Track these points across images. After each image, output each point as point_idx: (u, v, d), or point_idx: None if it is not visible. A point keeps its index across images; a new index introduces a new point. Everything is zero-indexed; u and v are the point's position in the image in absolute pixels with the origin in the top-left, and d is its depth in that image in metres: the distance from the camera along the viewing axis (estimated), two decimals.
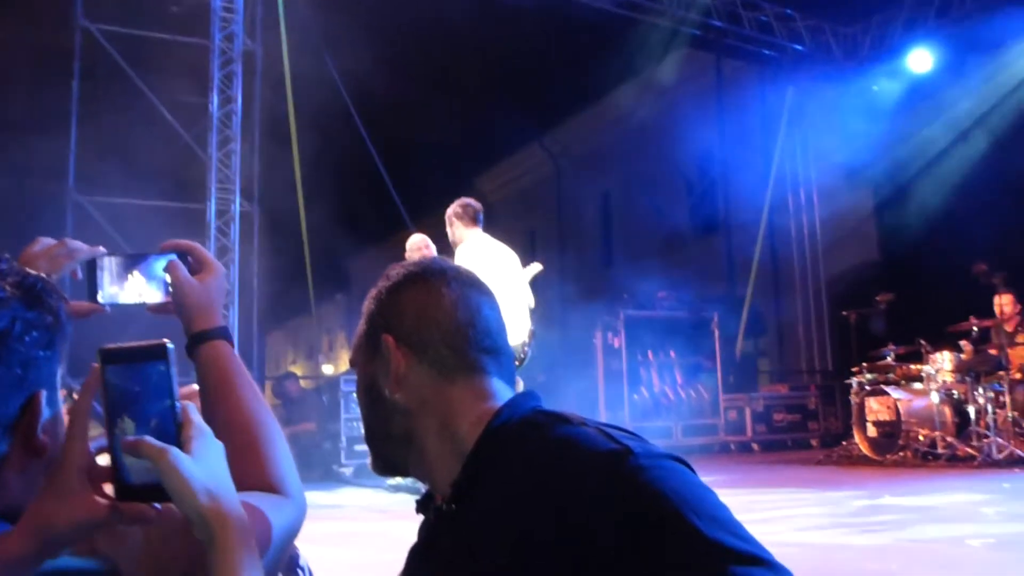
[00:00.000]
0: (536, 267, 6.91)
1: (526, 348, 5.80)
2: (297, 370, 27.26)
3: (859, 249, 14.22)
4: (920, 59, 12.73)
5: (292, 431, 9.12)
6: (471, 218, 6.25)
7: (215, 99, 10.46)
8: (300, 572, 1.78)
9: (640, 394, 11.68)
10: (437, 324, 1.19)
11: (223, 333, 1.29)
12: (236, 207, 10.48)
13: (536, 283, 7.17)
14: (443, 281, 1.22)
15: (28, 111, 17.53)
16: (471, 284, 1.25)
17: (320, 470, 9.60)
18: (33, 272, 0.99)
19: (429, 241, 6.89)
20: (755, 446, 11.94)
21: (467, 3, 12.27)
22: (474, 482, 1.10)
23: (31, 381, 0.94)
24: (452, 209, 6.23)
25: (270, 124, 11.38)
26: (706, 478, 0.98)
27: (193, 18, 11.08)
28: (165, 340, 0.91)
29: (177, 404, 0.89)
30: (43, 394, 0.96)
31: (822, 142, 13.64)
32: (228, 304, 10.36)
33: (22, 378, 0.92)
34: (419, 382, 1.18)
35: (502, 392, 1.20)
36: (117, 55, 11.02)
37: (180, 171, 11.18)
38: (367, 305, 1.25)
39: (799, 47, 13.13)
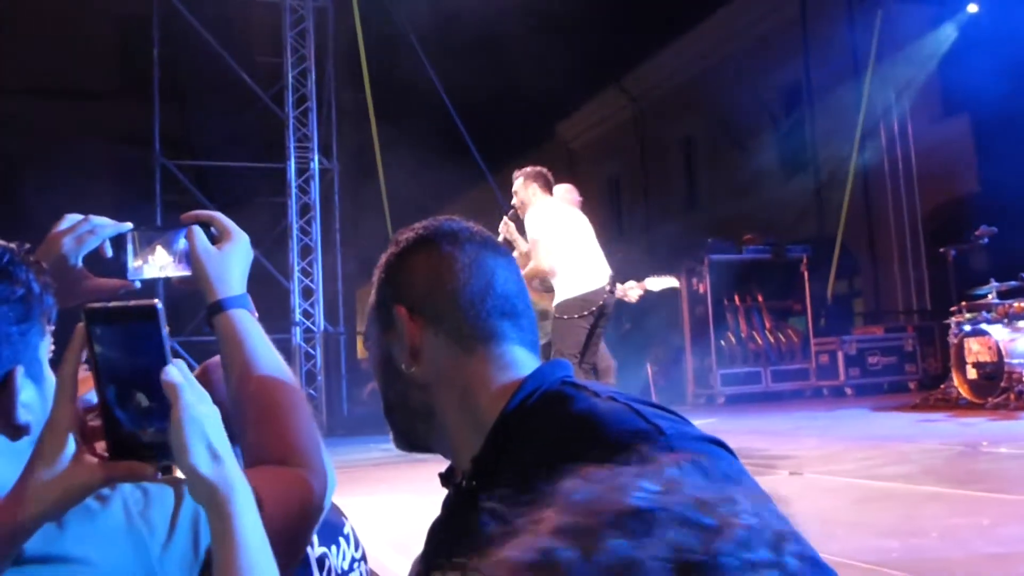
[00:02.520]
0: (670, 282, 6.55)
1: (606, 294, 5.52)
2: None
3: (957, 182, 13.55)
4: None
5: (374, 387, 9.28)
6: (546, 185, 5.93)
7: (289, 58, 10.53)
8: (344, 540, 1.76)
9: (727, 340, 11.47)
10: (450, 291, 1.11)
11: (241, 302, 1.26)
12: (315, 165, 10.60)
13: (621, 231, 6.98)
14: (454, 243, 1.14)
15: (113, 78, 18.09)
16: (485, 244, 1.16)
17: None
18: (2, 245, 0.98)
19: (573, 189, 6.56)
20: (848, 390, 11.61)
21: None
22: (495, 458, 1.03)
23: (5, 358, 0.93)
24: (527, 172, 5.91)
25: (345, 80, 11.42)
26: (789, 422, 0.87)
27: None
28: (155, 301, 0.88)
29: (167, 371, 0.86)
30: (19, 370, 0.94)
31: (915, 70, 12.95)
32: (311, 258, 10.53)
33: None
34: (435, 354, 1.11)
35: (525, 361, 1.12)
36: (193, 20, 11.18)
37: (261, 131, 11.36)
38: (377, 274, 1.18)
39: None
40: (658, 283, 6.33)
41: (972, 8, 12.34)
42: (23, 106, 17.72)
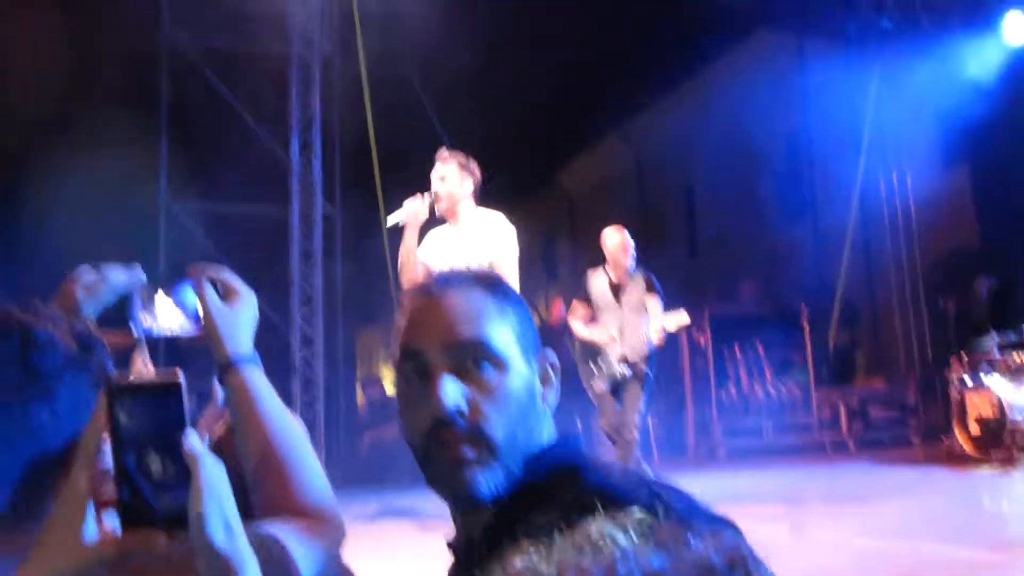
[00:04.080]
0: (683, 318, 6.32)
1: None
2: (389, 371, 27.68)
3: (957, 233, 13.59)
4: (1016, 27, 12.01)
5: (374, 435, 9.23)
6: (476, 193, 4.99)
7: (295, 104, 10.65)
8: None
9: (728, 392, 11.43)
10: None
11: (250, 359, 1.28)
12: (319, 210, 10.66)
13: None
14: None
15: (121, 121, 18.25)
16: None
17: (405, 474, 9.64)
18: (77, 319, 1.04)
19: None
20: (851, 444, 11.52)
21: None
22: (504, 530, 1.03)
23: (79, 421, 0.96)
24: (464, 161, 4.95)
25: (350, 127, 11.53)
26: (791, 477, 0.86)
27: (273, 27, 11.31)
28: (178, 374, 0.89)
29: (186, 440, 0.87)
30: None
31: (914, 121, 13.07)
32: (312, 306, 10.54)
33: (72, 417, 0.95)
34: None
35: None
36: (202, 65, 11.32)
37: (265, 176, 11.44)
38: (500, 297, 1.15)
39: (885, 21, 12.57)
40: (673, 320, 6.29)
41: (970, 61, 12.46)
42: (26, 145, 17.88)
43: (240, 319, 1.30)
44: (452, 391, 1.03)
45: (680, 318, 6.30)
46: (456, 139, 12.20)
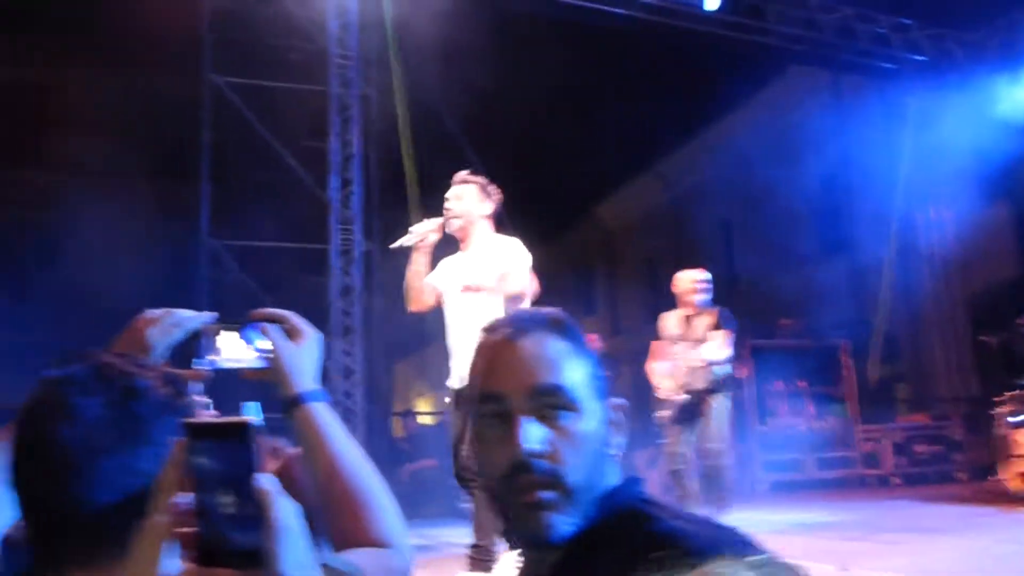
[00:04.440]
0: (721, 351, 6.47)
1: None
2: (424, 403, 27.71)
3: (997, 268, 13.41)
4: None
5: (413, 468, 9.22)
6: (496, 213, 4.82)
7: (334, 143, 10.80)
8: None
9: (769, 426, 11.30)
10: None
11: (317, 395, 1.33)
12: (358, 246, 10.75)
13: (657, 312, 7.07)
14: None
15: (163, 160, 18.66)
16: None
17: (442, 506, 9.63)
18: (166, 367, 1.10)
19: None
20: (894, 480, 11.32)
21: (576, 36, 12.34)
22: (573, 570, 1.04)
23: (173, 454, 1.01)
24: (484, 184, 4.76)
25: (388, 164, 11.67)
26: (835, 513, 0.87)
27: (311, 66, 11.52)
28: (249, 418, 0.92)
29: (259, 480, 0.90)
30: None
31: (952, 155, 12.96)
32: (352, 338, 10.62)
33: (170, 457, 0.97)
34: None
35: None
36: (241, 104, 11.55)
37: (305, 213, 11.60)
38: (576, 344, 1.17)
39: (919, 57, 12.51)
40: (714, 354, 6.44)
41: (1006, 93, 12.35)
42: (72, 186, 18.30)
43: (306, 357, 1.35)
44: (533, 436, 1.05)
45: (716, 351, 6.45)
46: (494, 175, 12.32)
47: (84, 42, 16.76)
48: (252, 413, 1.36)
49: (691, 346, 6.49)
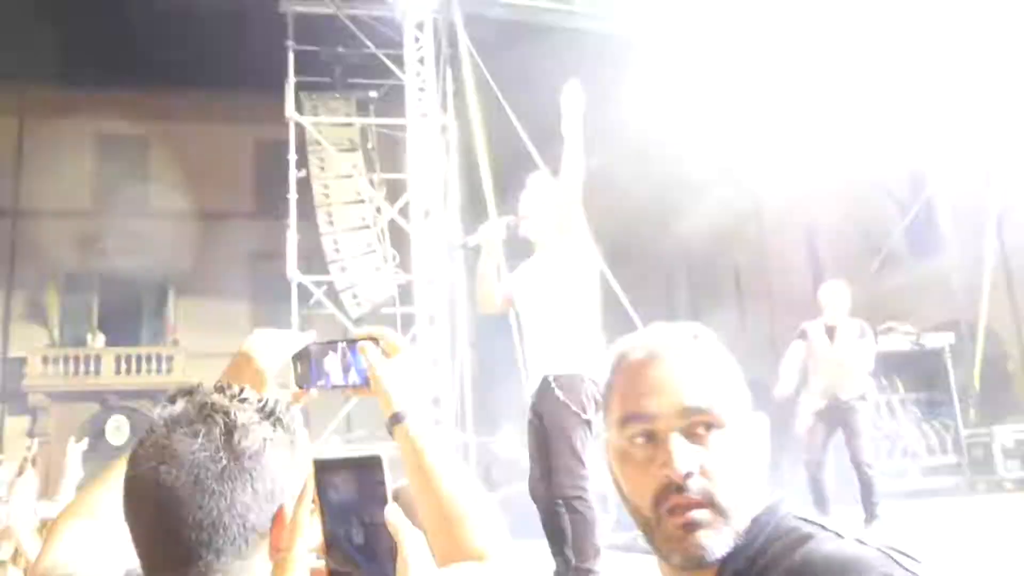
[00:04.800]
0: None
1: None
2: (509, 428, 27.70)
3: None
4: None
5: (504, 493, 9.21)
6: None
7: (415, 174, 10.97)
8: None
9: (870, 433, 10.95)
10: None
11: (418, 412, 1.35)
12: (442, 275, 10.87)
13: (747, 322, 7.01)
14: None
15: (253, 199, 19.24)
16: None
17: (533, 531, 9.56)
18: (268, 395, 1.13)
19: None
20: (1008, 485, 10.84)
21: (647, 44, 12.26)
22: None
23: (278, 494, 1.04)
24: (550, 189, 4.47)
25: (468, 196, 11.80)
26: (947, 523, 0.85)
27: (390, 101, 11.77)
28: (378, 453, 0.97)
29: (388, 512, 0.95)
30: (286, 506, 1.05)
31: None
32: (440, 366, 10.72)
33: (272, 492, 1.03)
34: None
35: None
36: (325, 142, 11.84)
37: (390, 244, 11.81)
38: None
39: None
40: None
41: None
42: (168, 226, 19.02)
43: (405, 375, 1.38)
44: (686, 456, 1.04)
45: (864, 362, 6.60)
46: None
47: (182, 94, 17.46)
48: (355, 357, 1.39)
49: (835, 356, 6.59)
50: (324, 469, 0.97)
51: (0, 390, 19.92)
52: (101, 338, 20.49)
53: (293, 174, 12.30)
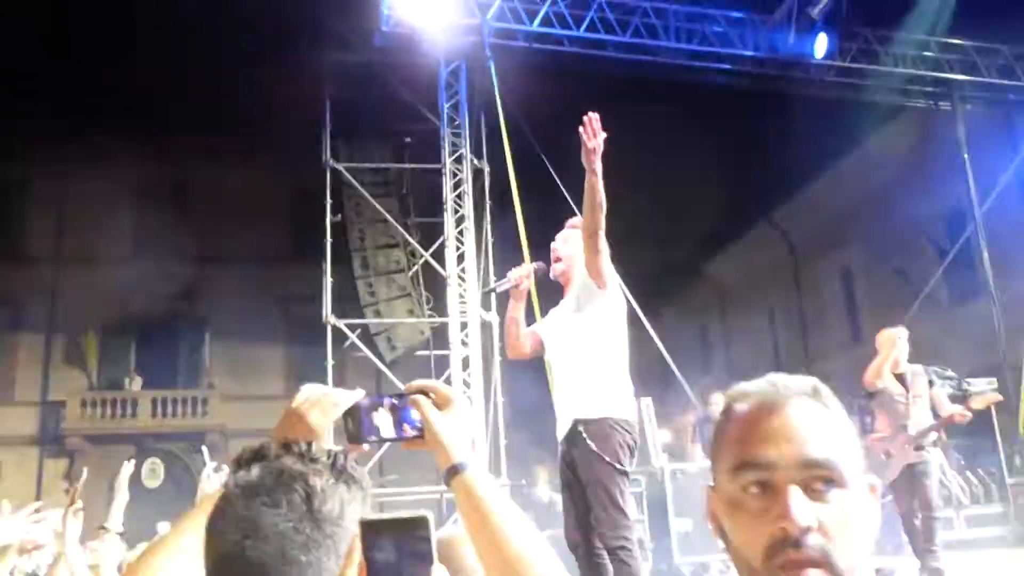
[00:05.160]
0: (991, 397, 6.74)
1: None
2: (544, 471, 27.49)
3: None
4: None
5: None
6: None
7: (450, 218, 11.05)
8: None
9: None
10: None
11: (473, 464, 1.35)
12: (476, 318, 10.89)
13: (779, 366, 6.94)
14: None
15: (288, 243, 19.47)
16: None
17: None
18: (335, 450, 1.15)
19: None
20: None
21: (680, 88, 12.34)
22: None
23: (350, 549, 1.06)
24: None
25: (502, 235, 11.85)
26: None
27: (425, 145, 11.91)
28: (425, 513, 0.97)
29: (434, 572, 0.94)
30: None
31: None
32: (472, 409, 10.69)
33: (347, 551, 1.04)
34: None
35: None
36: (360, 187, 11.98)
37: (424, 287, 11.88)
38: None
39: None
40: (980, 400, 6.50)
41: None
42: (204, 271, 19.29)
43: (459, 427, 1.38)
44: (805, 510, 1.00)
45: (988, 396, 6.51)
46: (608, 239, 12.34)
47: (219, 142, 17.79)
48: (408, 410, 1.40)
49: (910, 406, 6.62)
50: (371, 529, 0.96)
51: (40, 434, 20.18)
52: (139, 381, 20.71)
53: (328, 219, 12.44)
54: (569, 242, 4.43)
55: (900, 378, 6.73)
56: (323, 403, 1.44)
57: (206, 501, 1.28)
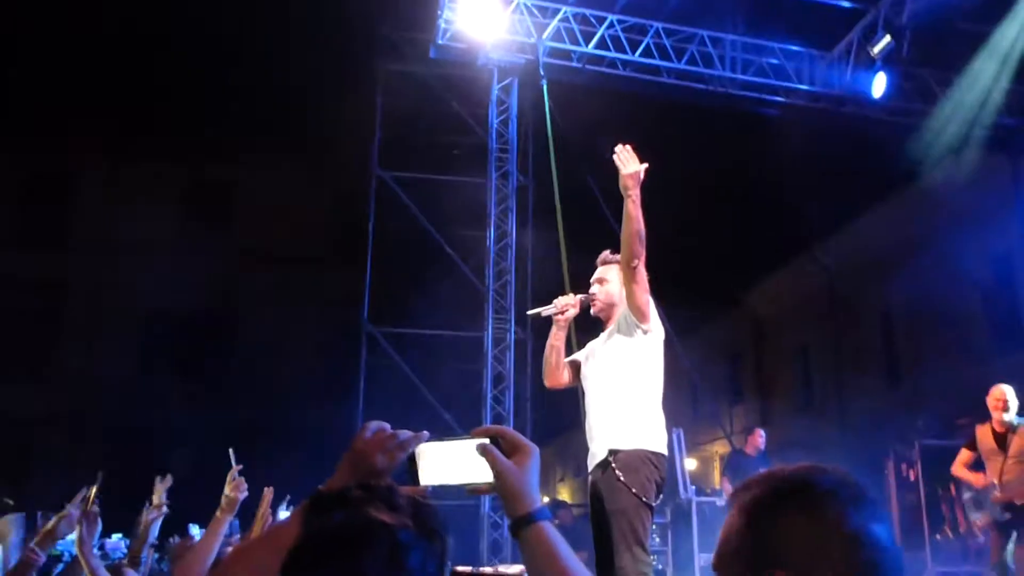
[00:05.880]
0: None
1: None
2: (565, 490, 27.43)
3: None
4: None
5: None
6: None
7: (491, 233, 11.06)
8: None
9: (944, 534, 10.49)
10: (833, 564, 1.04)
11: (542, 514, 1.32)
12: (511, 335, 10.87)
13: (815, 407, 6.87)
14: (835, 505, 1.07)
15: (330, 249, 19.56)
16: (862, 506, 1.09)
17: None
18: (419, 500, 1.15)
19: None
20: None
21: (731, 117, 12.28)
22: None
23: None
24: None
25: (544, 253, 11.84)
26: None
27: (472, 159, 11.94)
28: (521, 568, 0.95)
29: None
30: None
31: None
32: (504, 425, 10.65)
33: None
34: None
35: None
36: (405, 197, 12.04)
37: (461, 301, 11.88)
38: (740, 520, 1.13)
39: None
40: None
41: None
42: (243, 271, 19.43)
43: (531, 475, 1.36)
44: None
45: None
46: (647, 262, 12.29)
47: (266, 142, 17.96)
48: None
49: (1015, 461, 6.79)
50: None
51: None
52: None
53: (372, 225, 12.52)
54: (605, 281, 4.44)
55: (1000, 435, 7.01)
56: (388, 444, 1.42)
57: (276, 533, 1.25)
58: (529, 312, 4.71)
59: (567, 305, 4.42)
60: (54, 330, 19.12)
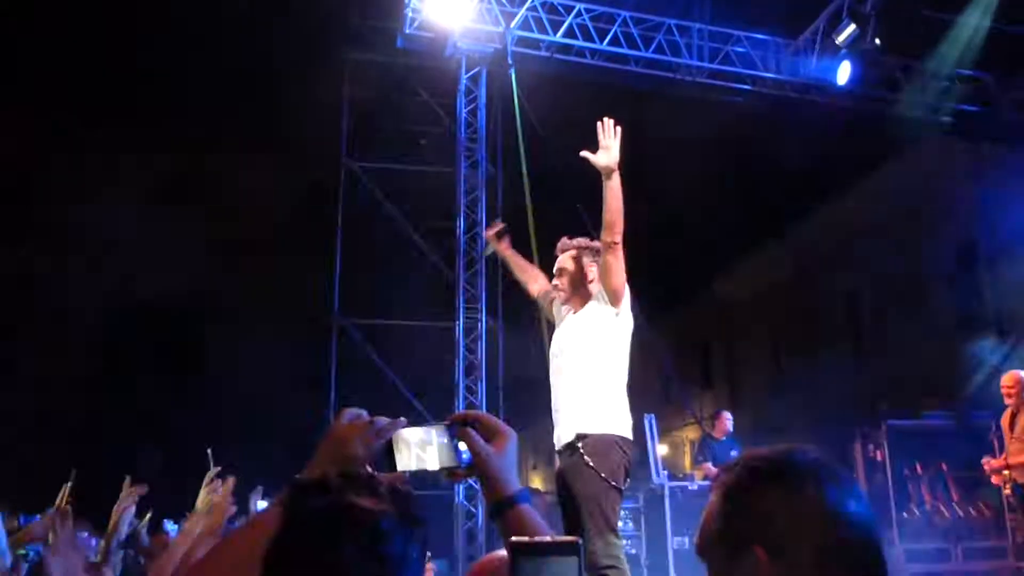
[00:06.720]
0: None
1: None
2: (538, 477, 27.52)
3: None
4: None
5: None
6: None
7: (461, 223, 11.05)
8: None
9: (910, 512, 10.68)
10: (812, 540, 1.06)
11: (523, 497, 1.34)
12: (483, 325, 10.88)
13: (784, 390, 6.97)
14: (814, 483, 1.09)
15: (298, 240, 19.42)
16: (841, 484, 1.12)
17: None
18: (398, 486, 1.15)
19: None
20: None
21: (698, 105, 12.34)
22: None
23: None
24: (588, 247, 4.53)
25: (514, 243, 11.84)
26: None
27: (441, 149, 11.90)
28: (577, 538, 0.96)
29: None
30: None
31: None
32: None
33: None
34: None
35: None
36: (374, 187, 11.98)
37: (431, 292, 11.87)
38: (720, 501, 1.15)
39: None
40: None
41: None
42: (210, 264, 19.24)
43: (509, 460, 1.37)
44: None
45: None
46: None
47: (232, 133, 17.76)
48: (455, 441, 1.38)
49: (1014, 442, 7.20)
50: (523, 552, 0.95)
51: None
52: None
53: (341, 216, 12.45)
54: (565, 272, 4.47)
55: (1014, 419, 7.43)
56: (365, 432, 1.42)
57: (256, 522, 1.26)
58: (485, 252, 5.29)
59: (495, 242, 5.22)
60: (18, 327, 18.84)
